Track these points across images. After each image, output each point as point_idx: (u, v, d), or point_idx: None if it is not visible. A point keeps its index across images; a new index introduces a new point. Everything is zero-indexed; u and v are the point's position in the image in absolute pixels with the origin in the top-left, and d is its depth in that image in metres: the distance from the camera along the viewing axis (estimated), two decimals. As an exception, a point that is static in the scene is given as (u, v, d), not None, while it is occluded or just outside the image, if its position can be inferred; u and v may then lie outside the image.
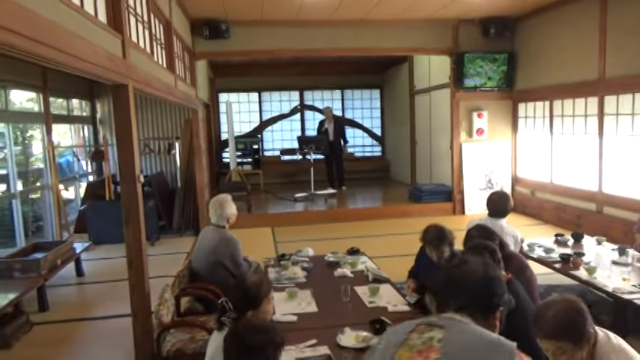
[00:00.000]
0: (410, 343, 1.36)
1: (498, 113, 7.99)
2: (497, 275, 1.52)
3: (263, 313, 2.22)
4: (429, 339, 1.34)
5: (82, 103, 8.48)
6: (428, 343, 1.33)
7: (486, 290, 1.46)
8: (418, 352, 1.32)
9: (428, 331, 1.36)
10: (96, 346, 3.66)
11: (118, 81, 3.20)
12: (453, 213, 7.92)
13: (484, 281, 1.47)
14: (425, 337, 1.35)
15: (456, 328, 1.35)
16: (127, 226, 3.29)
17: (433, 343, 1.32)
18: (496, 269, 1.56)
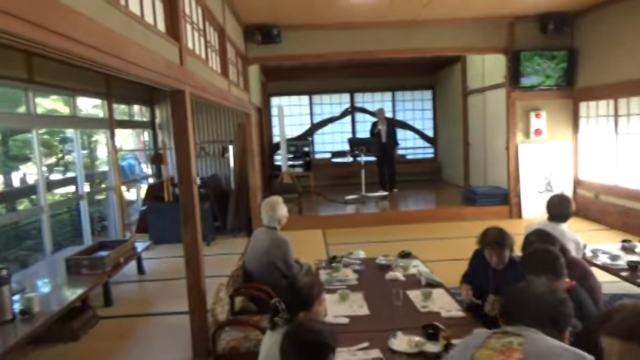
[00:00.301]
0: (489, 345, 1.44)
1: (558, 113, 7.64)
2: (564, 298, 1.63)
3: (315, 315, 2.24)
4: (508, 342, 1.43)
5: (142, 108, 8.88)
6: (508, 345, 1.43)
7: (555, 312, 1.57)
8: (500, 352, 1.40)
9: (505, 337, 1.47)
10: (156, 341, 3.82)
11: (176, 87, 3.33)
12: (509, 217, 7.65)
13: (552, 304, 1.58)
14: (504, 341, 1.45)
15: (534, 337, 1.46)
16: (185, 226, 3.41)
17: (514, 346, 1.42)
18: (562, 292, 1.68)
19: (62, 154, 7.29)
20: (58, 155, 7.28)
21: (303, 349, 1.71)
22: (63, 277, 4.28)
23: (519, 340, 1.44)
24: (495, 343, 1.45)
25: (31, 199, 5.85)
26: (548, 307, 1.57)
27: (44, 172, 5.54)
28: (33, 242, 5.72)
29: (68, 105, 6.25)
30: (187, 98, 3.49)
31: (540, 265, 2.42)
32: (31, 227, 5.72)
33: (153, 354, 3.62)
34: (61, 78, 5.63)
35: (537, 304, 1.57)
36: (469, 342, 1.57)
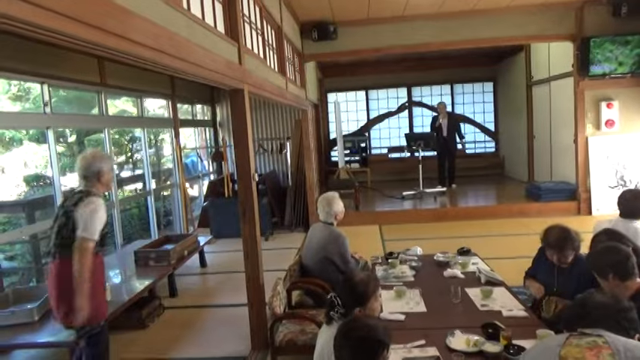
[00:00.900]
0: (573, 343, 1.48)
1: (632, 102, 7.13)
2: (629, 306, 1.66)
3: (370, 311, 2.24)
4: (592, 341, 1.47)
5: (204, 108, 9.21)
6: (593, 343, 1.46)
7: (620, 318, 1.59)
8: (588, 348, 1.44)
9: (586, 337, 1.51)
10: (217, 332, 3.97)
11: (235, 86, 3.43)
12: (577, 213, 7.26)
13: (617, 312, 1.61)
14: (587, 340, 1.49)
15: (613, 336, 1.49)
16: (244, 221, 3.52)
17: (600, 343, 1.46)
18: (625, 299, 1.73)
19: (131, 152, 7.72)
20: (128, 154, 7.71)
21: (356, 345, 1.73)
22: (132, 268, 4.55)
23: (602, 339, 1.47)
24: (578, 341, 1.49)
25: (104, 195, 6.24)
26: (612, 314, 1.58)
27: (115, 170, 5.89)
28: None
29: (136, 106, 6.60)
30: (246, 96, 3.58)
31: (608, 264, 2.30)
32: (103, 221, 6.10)
33: (214, 343, 3.76)
34: (130, 81, 5.95)
35: (602, 313, 1.59)
36: (547, 343, 1.61)
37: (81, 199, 2.74)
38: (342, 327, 1.87)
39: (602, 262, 2.35)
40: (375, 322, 1.88)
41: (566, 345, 1.49)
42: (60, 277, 2.71)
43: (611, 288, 2.31)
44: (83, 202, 2.72)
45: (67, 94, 5.69)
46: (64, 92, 5.53)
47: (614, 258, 2.31)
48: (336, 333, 1.82)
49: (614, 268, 2.28)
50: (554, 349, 1.50)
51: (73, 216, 2.70)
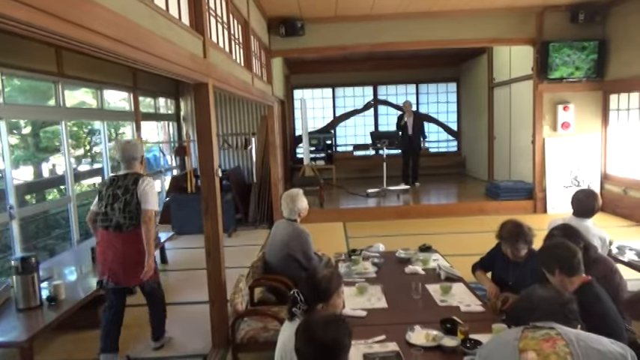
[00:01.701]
0: (529, 336, 1.53)
1: (587, 105, 7.44)
2: (571, 298, 1.77)
3: (333, 307, 2.25)
4: (546, 333, 1.53)
5: (167, 101, 9.02)
6: (547, 336, 1.52)
7: (565, 310, 1.69)
8: (544, 340, 1.50)
9: (539, 330, 1.57)
10: (177, 330, 3.90)
11: (199, 80, 3.37)
12: (533, 212, 7.52)
13: (561, 304, 1.71)
14: (541, 332, 1.54)
15: (564, 328, 1.57)
16: (206, 217, 3.47)
17: (553, 335, 1.52)
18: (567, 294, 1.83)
19: (90, 145, 7.47)
20: (86, 147, 7.46)
21: (319, 346, 1.72)
22: (89, 265, 4.40)
23: (554, 331, 1.54)
24: (533, 334, 1.55)
25: (60, 190, 6.02)
26: (558, 307, 1.67)
27: (72, 163, 5.69)
28: (61, 231, 5.90)
29: (96, 98, 6.40)
30: (211, 91, 3.53)
31: (555, 259, 2.39)
32: (59, 217, 5.89)
33: (174, 342, 3.70)
34: (90, 71, 5.76)
35: (549, 307, 1.67)
36: (504, 337, 1.65)
37: (137, 180, 3.34)
38: (305, 325, 1.86)
39: (549, 258, 2.44)
40: (334, 316, 1.89)
41: (523, 338, 1.55)
42: (128, 245, 3.31)
43: (557, 282, 2.41)
44: (142, 182, 3.33)
45: (22, 84, 5.45)
46: (18, 81, 5.30)
47: (561, 254, 2.40)
48: (298, 329, 1.82)
49: (560, 264, 2.37)
50: (512, 342, 1.55)
51: (136, 193, 3.29)
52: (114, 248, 3.33)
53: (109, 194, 3.35)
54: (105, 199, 3.35)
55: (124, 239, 3.31)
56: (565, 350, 1.46)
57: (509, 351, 1.52)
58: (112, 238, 3.34)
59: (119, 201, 3.30)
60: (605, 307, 2.31)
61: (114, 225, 3.32)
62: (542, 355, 1.44)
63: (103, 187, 3.43)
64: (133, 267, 3.31)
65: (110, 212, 3.33)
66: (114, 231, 3.31)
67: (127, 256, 3.31)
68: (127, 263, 3.32)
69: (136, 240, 3.29)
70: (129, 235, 3.30)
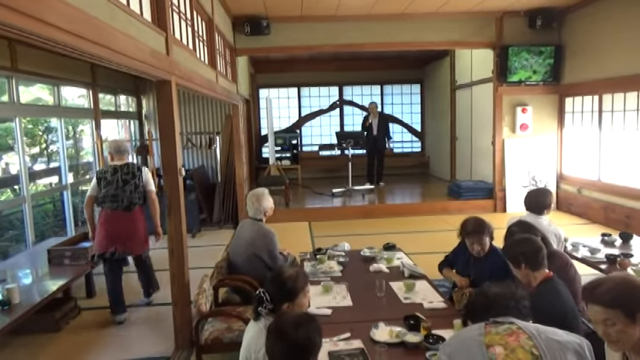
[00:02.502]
0: (492, 331, 1.53)
1: (544, 108, 7.72)
2: (524, 293, 1.82)
3: (299, 306, 2.24)
4: (507, 328, 1.53)
5: (128, 99, 8.78)
6: (509, 330, 1.52)
7: (519, 305, 1.74)
8: (507, 335, 1.50)
9: (500, 325, 1.58)
10: (139, 332, 3.81)
11: (162, 77, 3.30)
12: (493, 211, 7.74)
13: (515, 300, 1.75)
14: (502, 327, 1.55)
15: (522, 322, 1.59)
16: (169, 217, 3.40)
17: (514, 329, 1.53)
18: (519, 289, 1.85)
19: (46, 144, 7.19)
20: (42, 145, 7.18)
21: (290, 346, 1.71)
22: (45, 268, 4.24)
23: (515, 325, 1.56)
24: (496, 329, 1.56)
25: (14, 189, 5.77)
26: (514, 303, 1.70)
27: (27, 162, 5.46)
28: (15, 233, 5.65)
29: (52, 94, 6.17)
30: (174, 88, 3.46)
31: (521, 254, 2.48)
32: (13, 218, 5.65)
33: (135, 344, 3.61)
34: (46, 67, 5.54)
35: (506, 302, 1.70)
36: (467, 334, 1.64)
37: (140, 168, 4.18)
38: (277, 324, 1.84)
39: (516, 252, 2.52)
40: (305, 315, 1.89)
41: (487, 334, 1.56)
42: (136, 221, 4.11)
43: (522, 276, 2.50)
44: (144, 170, 4.20)
45: (-29, 79, 5.20)
46: (-33, 76, 5.04)
47: (527, 248, 2.49)
48: (269, 330, 1.80)
49: (526, 258, 2.46)
50: (477, 338, 1.56)
51: (142, 178, 4.13)
52: (125, 224, 4.05)
53: (117, 179, 4.02)
54: (114, 184, 4.01)
55: (133, 216, 4.08)
56: (529, 343, 1.48)
57: (476, 347, 1.52)
58: (122, 216, 4.04)
59: (129, 184, 4.04)
60: (565, 303, 2.40)
61: (125, 205, 4.02)
62: (508, 349, 1.46)
63: (106, 174, 4.05)
64: (140, 238, 4.15)
65: (122, 194, 4.02)
66: (123, 210, 4.02)
67: (137, 230, 4.11)
68: (136, 235, 4.11)
69: (141, 217, 4.16)
70: (135, 213, 4.09)
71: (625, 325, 1.61)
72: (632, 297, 1.62)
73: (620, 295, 1.63)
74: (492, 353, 1.44)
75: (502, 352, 1.43)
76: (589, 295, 1.70)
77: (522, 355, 1.43)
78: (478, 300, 1.81)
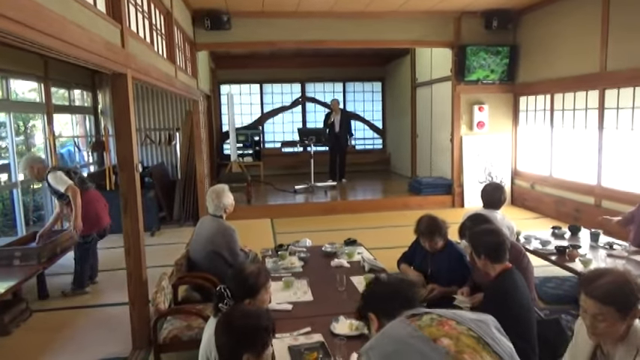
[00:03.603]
0: (423, 325, 1.38)
1: (499, 106, 7.97)
2: (415, 281, 1.80)
3: (260, 302, 2.24)
4: (432, 319, 1.39)
5: (83, 93, 8.48)
6: (437, 320, 1.38)
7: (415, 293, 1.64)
8: (439, 324, 1.36)
9: (422, 317, 1.41)
10: (94, 333, 3.70)
11: (117, 70, 3.21)
12: (452, 206, 7.94)
13: (411, 288, 1.64)
14: (427, 318, 1.40)
15: (435, 310, 1.45)
16: (125, 214, 3.32)
17: (439, 319, 1.39)
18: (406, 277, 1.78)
19: (-7, 139, 6.85)
20: (-11, 141, 6.84)
21: (237, 333, 1.70)
22: (-8, 269, 4.05)
23: (435, 314, 1.42)
24: (422, 322, 1.40)
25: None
26: (415, 291, 1.62)
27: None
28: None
29: (1, 87, 5.88)
30: (129, 82, 3.37)
31: (483, 245, 2.55)
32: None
33: (90, 346, 3.49)
34: (-8, 58, 5.29)
35: (411, 293, 1.61)
36: (398, 333, 1.40)
37: (75, 170, 4.75)
38: (223, 316, 1.84)
39: (478, 242, 2.59)
40: (257, 310, 1.88)
41: (421, 328, 1.38)
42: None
43: (482, 266, 2.58)
44: (49, 176, 4.37)
45: None
46: None
47: (489, 240, 2.56)
48: (217, 322, 1.79)
49: (487, 250, 2.53)
50: (416, 334, 1.36)
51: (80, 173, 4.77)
52: (103, 202, 4.73)
53: (67, 171, 4.49)
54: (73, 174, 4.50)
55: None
56: (463, 328, 1.36)
57: (423, 343, 1.32)
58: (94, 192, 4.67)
59: (77, 176, 4.56)
60: (522, 295, 2.48)
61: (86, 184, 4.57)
62: (453, 338, 1.32)
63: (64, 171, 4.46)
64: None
65: (81, 179, 4.60)
66: (91, 187, 4.62)
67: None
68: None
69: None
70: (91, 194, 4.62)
71: (614, 322, 1.65)
72: (628, 296, 1.64)
73: (617, 292, 1.64)
74: (442, 346, 1.28)
75: (450, 342, 1.29)
76: (586, 287, 1.70)
77: (467, 340, 1.30)
78: (379, 288, 1.67)
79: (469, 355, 1.25)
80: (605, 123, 5.95)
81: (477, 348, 1.27)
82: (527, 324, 2.44)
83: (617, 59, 5.69)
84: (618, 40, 5.68)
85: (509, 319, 2.40)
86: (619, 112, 5.75)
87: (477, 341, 1.30)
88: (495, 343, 1.32)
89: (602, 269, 1.80)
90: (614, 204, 5.81)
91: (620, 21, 5.65)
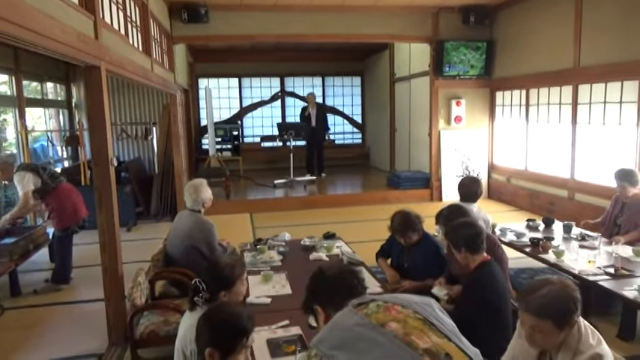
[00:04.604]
0: (370, 312, 1.38)
1: (476, 101, 8.07)
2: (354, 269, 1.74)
3: (236, 295, 2.24)
4: (378, 305, 1.39)
5: (57, 86, 8.29)
6: (383, 306, 1.38)
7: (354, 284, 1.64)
8: (385, 310, 1.37)
9: (367, 305, 1.41)
10: (69, 330, 3.63)
11: (90, 62, 3.15)
12: (430, 199, 8.02)
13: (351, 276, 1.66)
14: (373, 305, 1.40)
15: (380, 295, 1.48)
16: (100, 209, 3.26)
17: (385, 305, 1.39)
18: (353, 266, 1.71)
19: (-38, 133, 6.65)
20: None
21: (216, 329, 1.70)
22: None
23: (380, 301, 1.42)
24: (368, 309, 1.40)
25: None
26: (356, 280, 1.63)
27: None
28: None
29: (-32, 80, 5.71)
30: (103, 74, 3.31)
31: (462, 238, 2.61)
32: None
33: (64, 344, 3.43)
34: (-41, 49, 5.12)
35: (350, 281, 1.61)
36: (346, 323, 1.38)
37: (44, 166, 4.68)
38: (206, 312, 1.84)
39: (457, 236, 2.64)
40: (239, 309, 1.88)
41: (368, 315, 1.36)
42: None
43: (462, 259, 2.63)
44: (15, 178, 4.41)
45: None
46: None
47: (467, 233, 2.61)
48: (199, 318, 1.78)
49: (466, 242, 2.58)
50: (363, 322, 1.35)
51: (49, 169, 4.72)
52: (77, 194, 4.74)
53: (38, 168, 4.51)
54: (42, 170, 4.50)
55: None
56: (408, 311, 1.37)
57: (371, 330, 1.32)
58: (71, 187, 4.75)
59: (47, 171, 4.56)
60: (500, 285, 2.55)
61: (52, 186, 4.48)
62: (400, 322, 1.33)
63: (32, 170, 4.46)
64: None
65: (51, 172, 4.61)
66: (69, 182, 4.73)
67: None
68: None
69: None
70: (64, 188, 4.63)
71: (551, 333, 1.69)
72: (564, 309, 1.68)
73: (553, 306, 1.67)
74: (390, 330, 1.29)
75: (397, 326, 1.30)
76: (523, 300, 1.74)
77: (414, 322, 1.32)
78: (323, 282, 1.65)
79: (416, 336, 1.28)
80: (579, 118, 6.09)
81: (424, 329, 1.31)
82: (504, 314, 2.51)
83: (590, 55, 5.82)
84: (591, 37, 5.80)
85: (489, 309, 2.48)
86: (591, 107, 5.88)
87: (423, 323, 1.33)
88: (440, 323, 1.35)
89: (540, 281, 1.80)
90: (586, 197, 5.96)
91: (592, 18, 5.78)
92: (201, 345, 1.71)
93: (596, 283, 3.07)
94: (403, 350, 1.24)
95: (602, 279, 3.11)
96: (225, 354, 1.67)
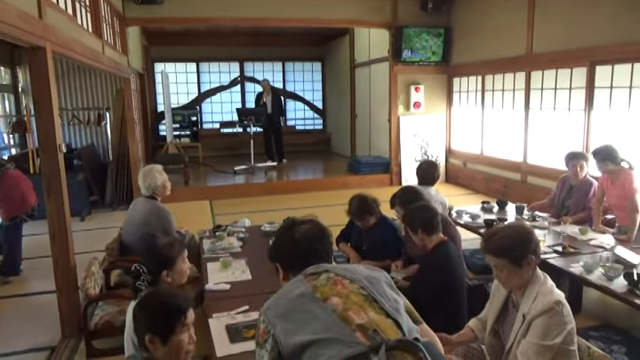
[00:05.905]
0: (317, 284, 1.42)
1: (435, 87, 8.20)
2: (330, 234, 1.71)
3: (178, 274, 2.23)
4: (328, 278, 1.44)
5: (1, 70, 7.84)
6: (332, 280, 1.43)
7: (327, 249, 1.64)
8: (333, 284, 1.41)
9: (318, 276, 1.45)
10: (19, 324, 3.49)
11: (34, 43, 2.99)
12: (390, 184, 8.13)
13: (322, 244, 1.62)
14: (322, 278, 1.44)
15: (334, 267, 1.50)
16: (49, 197, 3.13)
17: (335, 278, 1.43)
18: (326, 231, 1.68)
19: None
20: None
21: (152, 312, 1.65)
22: None
23: (332, 273, 1.44)
24: (318, 282, 1.42)
25: None
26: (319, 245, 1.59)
27: None
28: None
29: None
30: (49, 56, 3.15)
31: (418, 220, 2.73)
32: None
33: (14, 338, 3.30)
34: None
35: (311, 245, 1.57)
36: (291, 292, 1.41)
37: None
38: (139, 300, 1.80)
39: (413, 219, 2.76)
40: (173, 290, 1.86)
41: (315, 288, 1.40)
42: None
43: (419, 240, 2.75)
44: None
45: None
46: None
47: (423, 215, 2.73)
48: (134, 307, 1.74)
49: (422, 224, 2.71)
50: (307, 294, 1.38)
51: None
52: (26, 181, 4.56)
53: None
54: None
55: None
56: (354, 286, 1.40)
57: (312, 303, 1.35)
58: (20, 174, 4.53)
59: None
60: (456, 264, 2.68)
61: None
62: (343, 296, 1.36)
63: None
64: None
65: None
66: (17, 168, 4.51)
67: None
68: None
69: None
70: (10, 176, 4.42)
71: (512, 270, 1.89)
72: (518, 247, 1.89)
73: (508, 245, 1.89)
74: (331, 304, 1.34)
75: (339, 301, 1.34)
76: (484, 244, 1.96)
77: (356, 298, 1.36)
78: (287, 242, 1.62)
79: (354, 311, 1.33)
80: (531, 103, 6.29)
81: (364, 305, 1.35)
82: (459, 291, 2.63)
83: (542, 42, 6.00)
84: (543, 25, 5.98)
85: (444, 287, 2.59)
86: (543, 93, 6.08)
87: (364, 299, 1.38)
88: (383, 299, 1.40)
89: (500, 226, 2.13)
90: (538, 179, 6.19)
91: (544, 6, 5.95)
92: (140, 333, 1.65)
93: (545, 261, 3.20)
94: (337, 325, 1.29)
95: (551, 257, 3.25)
96: (165, 338, 1.62)
